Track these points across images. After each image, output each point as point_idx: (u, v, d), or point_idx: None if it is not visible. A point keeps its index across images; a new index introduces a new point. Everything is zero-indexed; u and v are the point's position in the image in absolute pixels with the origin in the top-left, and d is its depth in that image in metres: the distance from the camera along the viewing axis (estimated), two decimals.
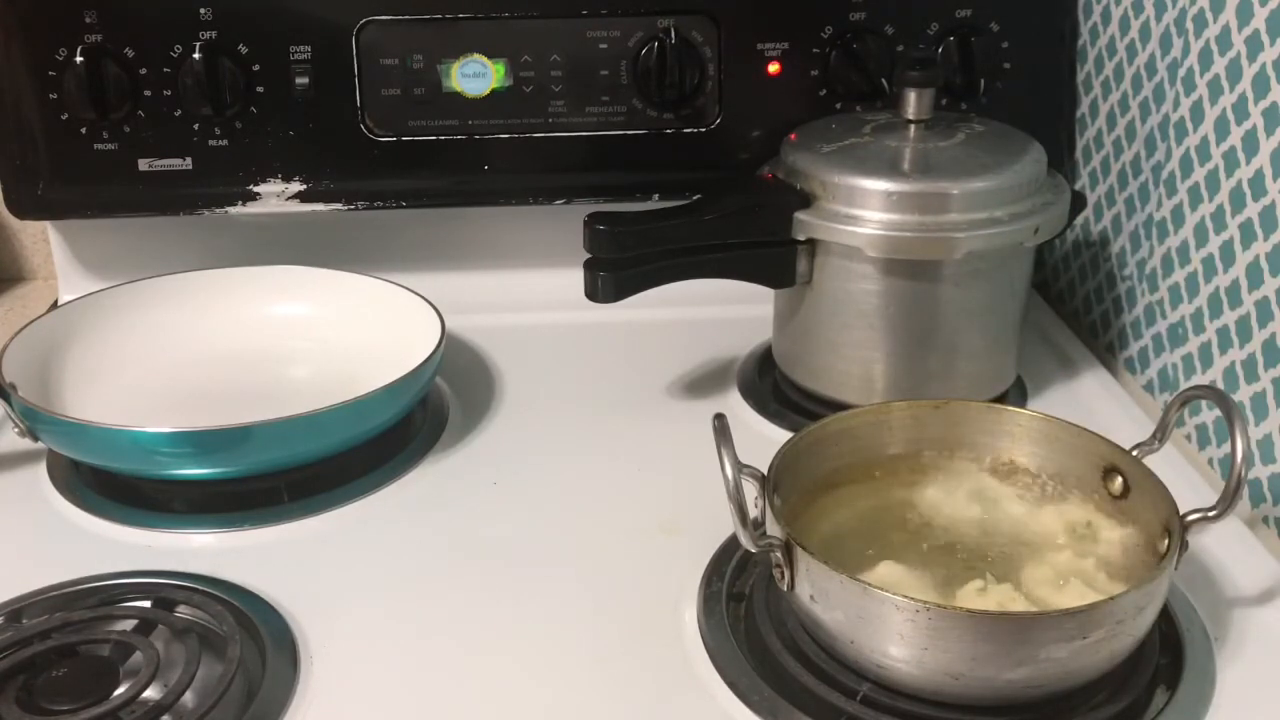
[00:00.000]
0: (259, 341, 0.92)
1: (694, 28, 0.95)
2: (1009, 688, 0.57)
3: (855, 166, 0.80)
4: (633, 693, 0.62)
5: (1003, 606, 0.59)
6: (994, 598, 0.60)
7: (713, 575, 0.69)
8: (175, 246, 1.00)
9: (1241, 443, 0.60)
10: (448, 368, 0.89)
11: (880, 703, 0.59)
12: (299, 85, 0.94)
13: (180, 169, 0.95)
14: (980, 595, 0.61)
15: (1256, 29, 0.74)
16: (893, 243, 0.78)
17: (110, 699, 0.59)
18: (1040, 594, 0.61)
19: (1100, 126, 0.95)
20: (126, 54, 0.92)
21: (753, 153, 0.95)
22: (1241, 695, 0.62)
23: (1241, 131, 0.76)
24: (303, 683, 0.63)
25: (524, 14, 0.94)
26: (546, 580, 0.71)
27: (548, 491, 0.79)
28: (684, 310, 0.95)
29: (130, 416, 0.76)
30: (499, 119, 0.96)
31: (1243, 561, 0.71)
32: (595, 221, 0.80)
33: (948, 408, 0.72)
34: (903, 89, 0.83)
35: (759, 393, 0.90)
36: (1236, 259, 0.77)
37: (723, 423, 0.60)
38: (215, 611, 0.65)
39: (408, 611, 0.68)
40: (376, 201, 0.98)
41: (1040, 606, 0.60)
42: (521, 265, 1.03)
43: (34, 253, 1.15)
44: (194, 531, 0.76)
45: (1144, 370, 0.90)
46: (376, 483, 0.79)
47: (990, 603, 0.60)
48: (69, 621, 0.64)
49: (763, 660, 0.63)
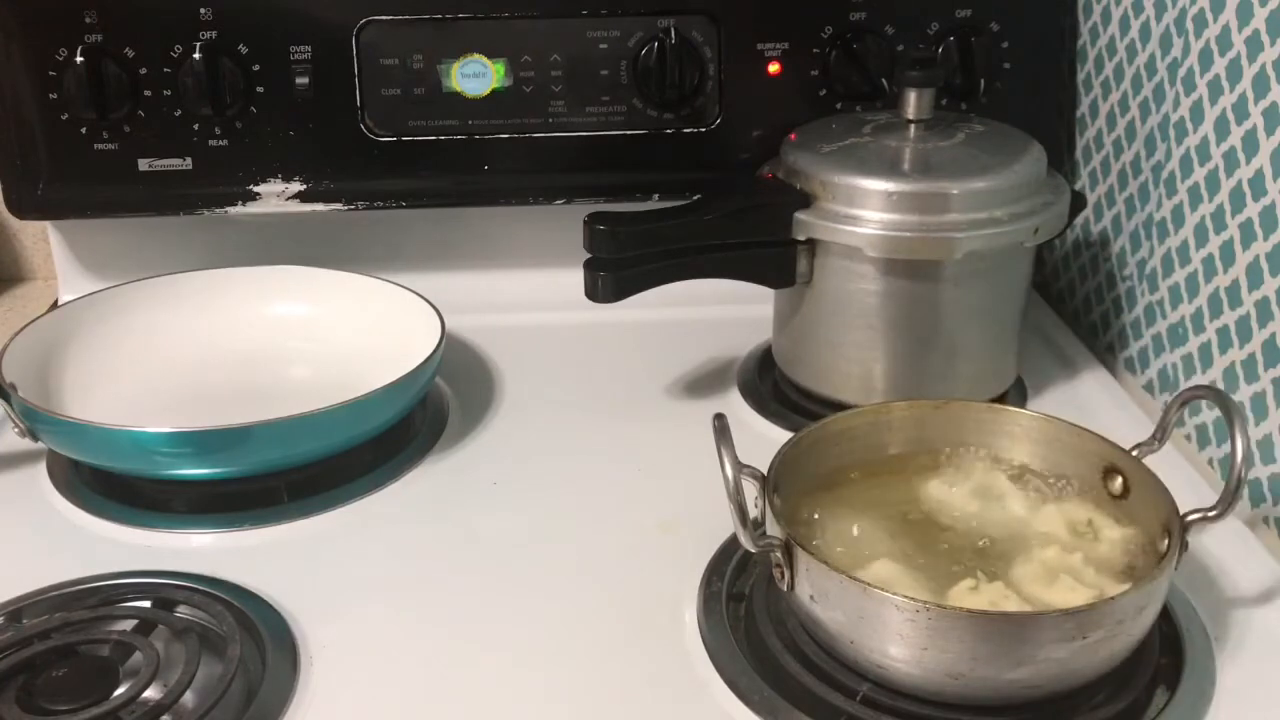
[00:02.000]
0: (259, 341, 0.92)
1: (694, 28, 0.95)
2: (1009, 688, 0.57)
3: (855, 166, 0.80)
4: (633, 692, 0.62)
5: (995, 605, 0.59)
6: (986, 596, 0.60)
7: (713, 575, 0.69)
8: (175, 246, 1.00)
9: (1241, 443, 0.60)
10: (448, 368, 0.89)
11: (880, 703, 0.59)
12: (299, 85, 0.94)
13: (180, 169, 0.95)
14: (972, 594, 0.61)
15: (1256, 29, 0.74)
16: (893, 243, 0.78)
17: (110, 699, 0.59)
18: (1031, 590, 0.61)
19: (1100, 126, 0.95)
20: (126, 54, 0.92)
21: (753, 153, 0.95)
22: (1241, 695, 0.62)
23: (1241, 131, 0.76)
24: (303, 683, 0.63)
25: (524, 14, 0.94)
26: (546, 580, 0.71)
27: (547, 491, 0.79)
28: (684, 310, 0.95)
29: (130, 416, 0.76)
30: (499, 119, 0.96)
31: (1243, 561, 0.71)
32: (595, 221, 0.80)
33: (948, 408, 0.72)
34: (903, 89, 0.83)
35: (759, 393, 0.90)
36: (1236, 259, 0.77)
37: (723, 423, 0.61)
38: (215, 611, 0.65)
39: (408, 611, 0.68)
40: (376, 201, 0.98)
41: (1031, 603, 0.60)
42: (521, 265, 1.03)
43: (34, 253, 1.15)
44: (194, 531, 0.76)
45: (1144, 370, 0.90)
46: (376, 483, 0.79)
47: (982, 601, 0.60)
48: (69, 621, 0.64)
49: (763, 660, 0.63)
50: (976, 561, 0.64)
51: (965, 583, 0.61)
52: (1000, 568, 0.64)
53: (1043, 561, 0.63)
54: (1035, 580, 0.62)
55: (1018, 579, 0.62)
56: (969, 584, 0.61)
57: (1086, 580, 0.62)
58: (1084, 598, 0.60)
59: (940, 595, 0.61)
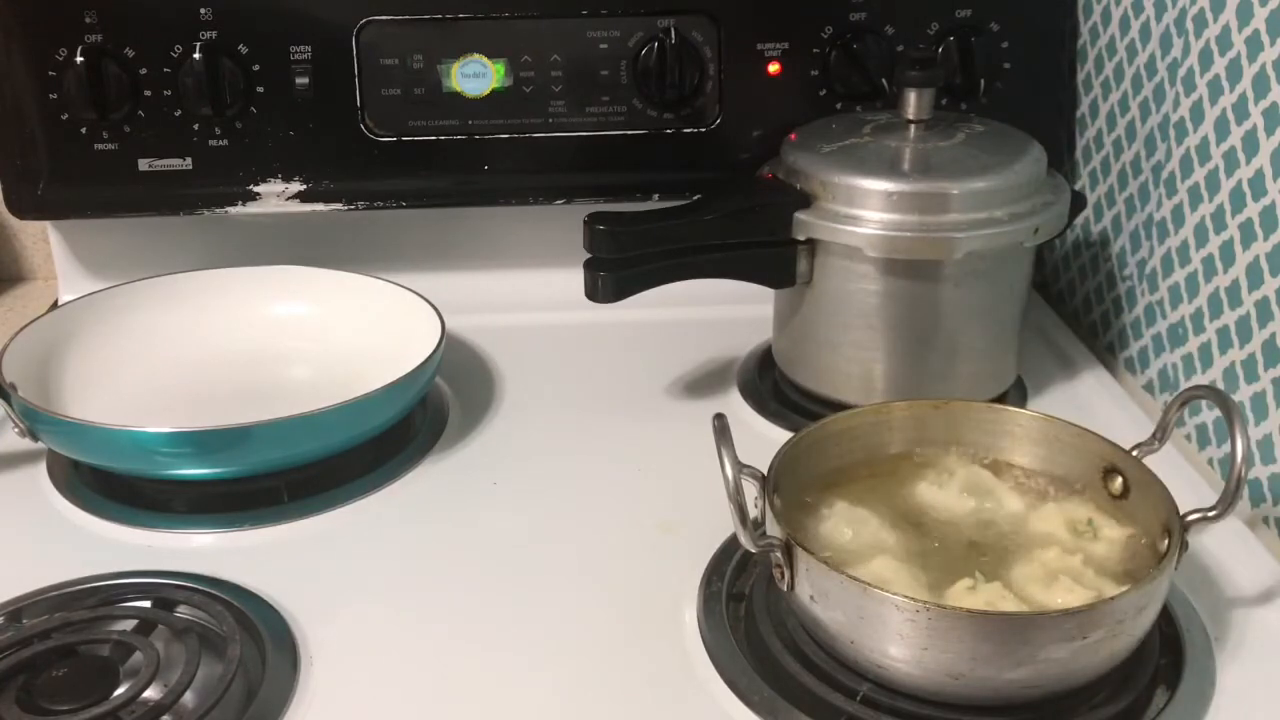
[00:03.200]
0: (259, 341, 0.92)
1: (694, 28, 0.95)
2: (1009, 688, 0.57)
3: (855, 166, 0.80)
4: (632, 692, 0.62)
5: (992, 605, 0.59)
6: (983, 596, 0.60)
7: (713, 575, 0.69)
8: (175, 246, 1.00)
9: (1241, 443, 0.60)
10: (448, 368, 0.89)
11: (880, 703, 0.59)
12: (299, 85, 0.94)
13: (180, 169, 0.95)
14: (970, 594, 0.60)
15: (1256, 29, 0.74)
16: (893, 243, 0.78)
17: (110, 699, 0.59)
18: (1030, 592, 0.61)
19: (1100, 126, 0.95)
20: (126, 54, 0.92)
21: (753, 153, 0.95)
22: (1241, 695, 0.62)
23: (1241, 131, 0.76)
24: (303, 683, 0.63)
25: (524, 14, 0.94)
26: (546, 580, 0.71)
27: (547, 491, 0.79)
28: (684, 310, 0.95)
29: (130, 416, 0.76)
30: (499, 119, 0.96)
31: (1243, 561, 0.71)
32: (595, 221, 0.80)
33: (948, 408, 0.72)
34: (903, 89, 0.83)
35: (759, 393, 0.90)
36: (1236, 259, 0.77)
37: (723, 423, 0.61)
38: (215, 611, 0.65)
39: (408, 611, 0.68)
40: (376, 201, 0.98)
41: (1029, 604, 0.60)
42: (521, 265, 1.03)
43: (34, 253, 1.15)
44: (194, 531, 0.76)
45: (1144, 370, 0.90)
46: (376, 483, 0.79)
47: (980, 601, 0.60)
48: (69, 621, 0.64)
49: (763, 660, 0.63)
50: (975, 561, 0.64)
51: (963, 582, 0.61)
52: (998, 568, 0.64)
53: (1043, 563, 0.63)
54: (1034, 581, 0.62)
55: (1016, 579, 0.62)
56: (966, 584, 0.61)
57: (1086, 581, 0.62)
58: (1082, 599, 0.60)
59: (938, 595, 0.61)
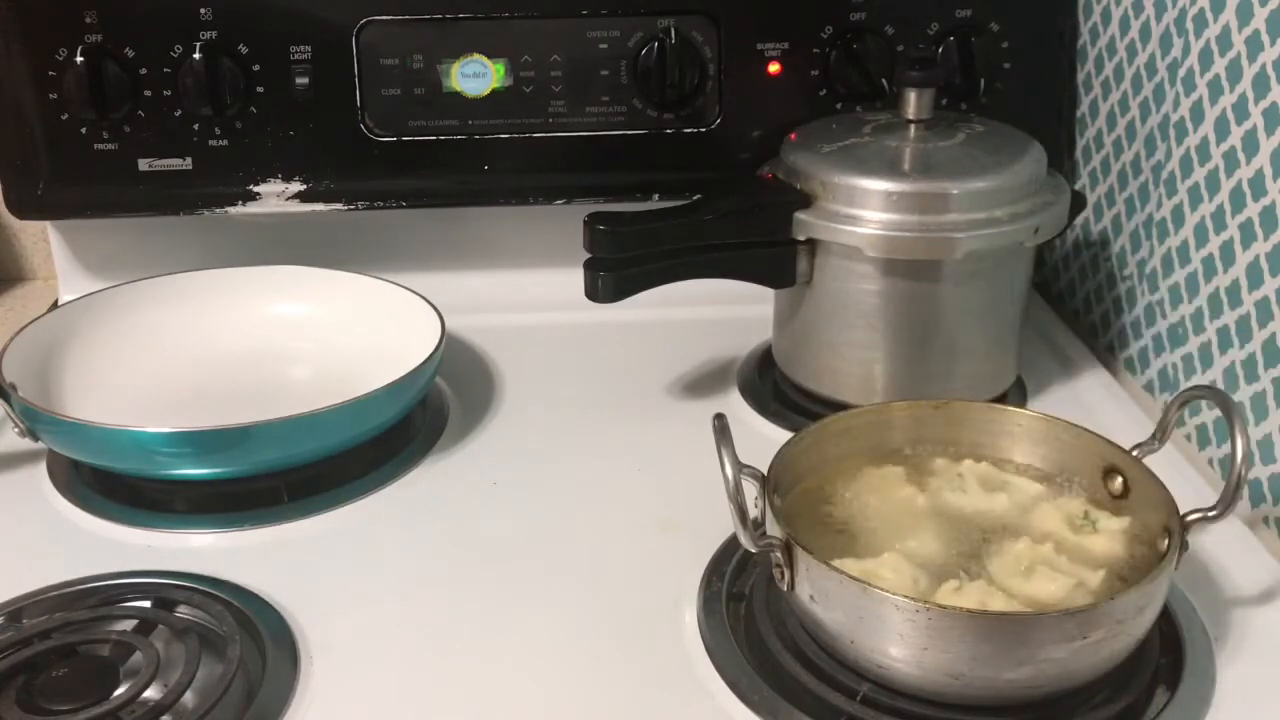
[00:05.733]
0: (259, 341, 0.92)
1: (694, 28, 0.95)
2: (1009, 688, 0.57)
3: (855, 166, 0.80)
4: (633, 692, 0.62)
5: (981, 603, 0.59)
6: (971, 595, 0.60)
7: (713, 575, 0.69)
8: (175, 246, 1.00)
9: (1241, 443, 0.60)
10: (448, 368, 0.89)
11: (880, 703, 0.59)
12: (299, 85, 0.94)
13: (180, 169, 0.95)
14: (956, 594, 0.60)
15: (1256, 29, 0.74)
16: (893, 243, 0.78)
17: (110, 699, 0.59)
18: (1011, 584, 0.61)
19: (1100, 126, 0.95)
20: (126, 54, 0.92)
21: (753, 153, 0.95)
22: (1241, 695, 0.62)
23: (1241, 131, 0.76)
24: (303, 683, 0.63)
25: (524, 14, 0.94)
26: (546, 580, 0.71)
27: (547, 491, 0.79)
28: (684, 310, 0.95)
29: (130, 416, 0.76)
30: (499, 119, 0.96)
31: (1243, 561, 0.71)
32: (595, 221, 0.80)
33: (948, 408, 0.72)
34: (903, 89, 0.83)
35: (759, 393, 0.90)
36: (1236, 259, 0.77)
37: (723, 423, 0.60)
38: (215, 611, 0.65)
39: (408, 611, 0.68)
40: (376, 201, 0.98)
41: (1013, 596, 0.60)
42: (521, 265, 1.03)
43: (34, 253, 1.15)
44: (194, 531, 0.76)
45: (1144, 370, 0.90)
46: (376, 483, 0.79)
47: (968, 600, 0.60)
48: (69, 621, 0.64)
49: (763, 660, 0.63)
50: (966, 560, 0.64)
51: (949, 584, 0.61)
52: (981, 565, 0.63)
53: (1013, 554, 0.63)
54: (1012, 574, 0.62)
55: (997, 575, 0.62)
56: (952, 584, 0.61)
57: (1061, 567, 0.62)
58: (1064, 587, 0.60)
59: (931, 595, 0.61)
